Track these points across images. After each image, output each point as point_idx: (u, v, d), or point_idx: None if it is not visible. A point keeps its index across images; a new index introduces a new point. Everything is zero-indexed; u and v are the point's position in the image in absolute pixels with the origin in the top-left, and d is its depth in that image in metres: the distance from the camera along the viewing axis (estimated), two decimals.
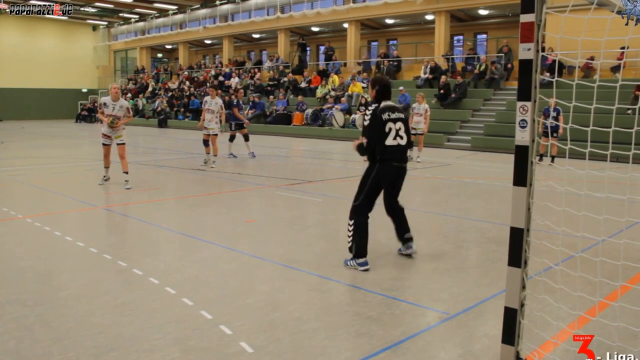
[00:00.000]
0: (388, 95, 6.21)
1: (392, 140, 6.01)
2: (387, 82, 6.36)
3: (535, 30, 3.36)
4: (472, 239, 7.65)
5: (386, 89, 6.21)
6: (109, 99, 11.24)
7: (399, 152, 6.12)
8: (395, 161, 6.12)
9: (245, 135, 17.42)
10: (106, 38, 51.23)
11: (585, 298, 4.22)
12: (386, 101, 6.14)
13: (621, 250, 4.44)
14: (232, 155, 17.19)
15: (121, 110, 11.24)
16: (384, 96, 6.15)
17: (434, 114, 23.14)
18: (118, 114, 11.19)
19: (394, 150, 6.05)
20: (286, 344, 4.14)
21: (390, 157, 6.06)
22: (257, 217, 9.07)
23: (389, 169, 6.13)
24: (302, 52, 34.40)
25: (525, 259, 3.53)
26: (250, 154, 17.30)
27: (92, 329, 4.36)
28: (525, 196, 3.47)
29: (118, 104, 11.21)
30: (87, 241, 7.10)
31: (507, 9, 27.23)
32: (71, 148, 22.24)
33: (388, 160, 6.07)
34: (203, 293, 5.26)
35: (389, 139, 6.01)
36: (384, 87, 6.20)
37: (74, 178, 13.04)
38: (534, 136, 3.46)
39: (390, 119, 6.01)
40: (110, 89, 11.44)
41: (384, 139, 5.99)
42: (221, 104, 15.42)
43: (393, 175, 6.21)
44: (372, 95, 6.27)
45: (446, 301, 5.15)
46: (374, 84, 6.23)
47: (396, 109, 6.15)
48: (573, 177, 6.11)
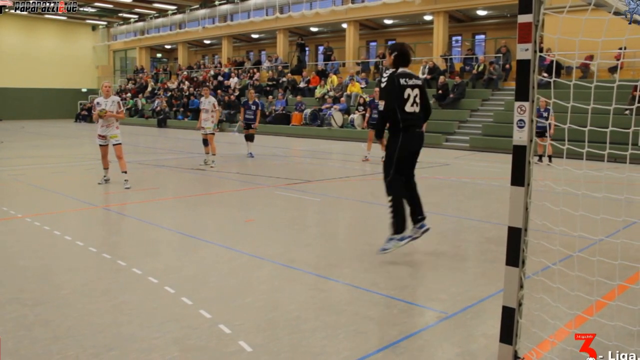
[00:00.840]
0: (406, 61, 6.05)
1: (410, 107, 5.92)
2: (407, 49, 6.20)
3: (533, 30, 3.37)
4: (470, 238, 7.67)
5: (405, 55, 6.06)
6: (101, 98, 11.41)
7: (417, 119, 6.02)
8: (418, 127, 6.04)
9: (251, 135, 17.58)
10: (105, 38, 51.26)
11: (582, 297, 4.23)
12: (404, 68, 6.01)
13: (618, 249, 4.45)
14: (250, 155, 17.32)
15: (113, 105, 11.39)
16: (402, 62, 6.02)
17: (433, 114, 23.14)
18: (110, 109, 11.29)
19: (414, 117, 5.96)
20: (285, 343, 4.15)
21: (412, 123, 5.97)
22: (256, 216, 9.08)
23: (413, 136, 6.04)
24: (301, 53, 34.42)
25: (523, 258, 3.54)
26: (249, 154, 17.31)
27: (91, 328, 4.38)
28: (523, 196, 3.49)
29: (110, 100, 11.35)
30: (86, 240, 7.11)
31: (505, 9, 27.26)
32: (71, 147, 22.26)
33: (412, 127, 5.97)
34: (202, 292, 5.27)
35: (408, 105, 5.90)
36: (403, 53, 6.06)
37: (73, 177, 13.05)
38: (531, 136, 3.48)
39: (408, 85, 5.89)
40: (102, 87, 11.52)
41: (404, 104, 5.87)
42: (214, 103, 15.41)
43: (418, 142, 6.10)
44: (389, 61, 6.09)
45: (444, 301, 5.16)
46: (393, 49, 6.08)
47: (413, 76, 6.02)
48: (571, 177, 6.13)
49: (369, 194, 11.49)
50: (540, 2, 3.37)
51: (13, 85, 44.30)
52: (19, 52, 44.78)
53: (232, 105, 32.09)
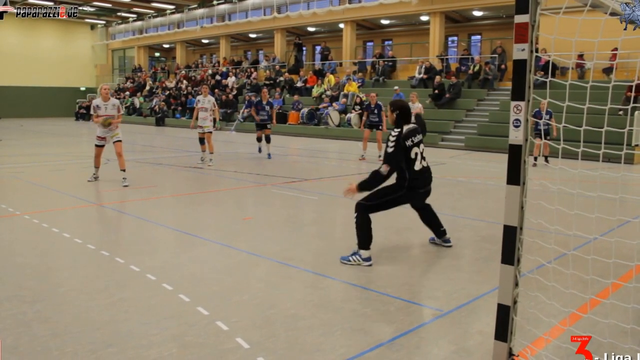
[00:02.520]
0: (408, 118, 6.20)
1: (419, 165, 6.08)
2: (407, 105, 6.36)
3: (530, 30, 3.41)
4: (466, 237, 7.70)
5: (406, 112, 6.20)
6: (100, 101, 11.33)
7: (426, 174, 6.23)
8: (422, 188, 6.23)
9: (267, 136, 16.95)
10: (104, 37, 51.16)
11: (577, 295, 4.28)
12: (407, 125, 6.13)
13: (612, 248, 4.50)
14: (269, 156, 16.93)
15: (113, 109, 11.39)
16: (404, 120, 6.15)
17: (429, 113, 23.28)
18: (111, 113, 11.28)
19: (421, 176, 6.14)
20: (282, 340, 4.18)
21: (418, 184, 6.17)
22: (253, 214, 9.11)
23: (415, 196, 6.30)
24: (298, 52, 34.42)
25: (518, 256, 3.58)
26: (268, 155, 17.05)
27: (90, 325, 4.41)
28: (518, 195, 3.52)
29: (110, 104, 11.33)
30: (84, 238, 7.14)
31: (501, 10, 27.31)
32: (69, 146, 22.23)
33: (416, 188, 6.18)
34: (200, 289, 5.30)
35: (417, 164, 6.07)
36: (404, 110, 6.19)
37: (72, 175, 13.04)
38: (527, 135, 3.52)
39: (414, 143, 6.05)
40: (100, 89, 11.49)
41: (412, 164, 6.03)
42: (214, 102, 15.49)
43: (419, 202, 6.45)
44: (392, 119, 6.22)
45: (440, 298, 5.20)
46: (394, 108, 6.20)
47: (416, 132, 6.17)
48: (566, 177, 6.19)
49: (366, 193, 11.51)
50: (537, 3, 3.41)
51: (12, 84, 44.21)
52: (18, 50, 44.68)
53: (230, 104, 32.10)
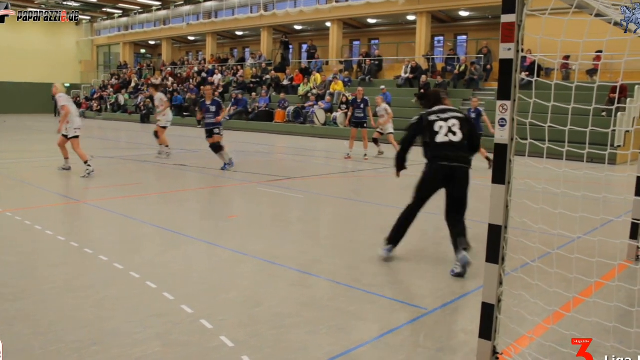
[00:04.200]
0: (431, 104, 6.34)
1: (444, 137, 6.01)
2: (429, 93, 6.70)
3: (516, 30, 3.43)
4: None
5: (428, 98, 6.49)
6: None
7: (451, 148, 6.01)
8: (445, 160, 6.04)
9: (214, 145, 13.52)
10: (89, 33, 50.75)
11: (560, 294, 4.30)
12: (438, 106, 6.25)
13: (596, 247, 4.52)
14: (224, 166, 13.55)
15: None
16: (427, 105, 6.35)
17: (414, 113, 23.29)
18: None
19: (444, 148, 6.02)
20: (267, 339, 4.17)
21: (438, 154, 6.05)
22: (238, 212, 9.09)
23: (436, 168, 6.11)
24: (285, 50, 34.38)
25: (502, 255, 3.60)
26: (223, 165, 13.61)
27: (73, 324, 4.37)
28: (503, 194, 3.54)
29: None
30: (68, 235, 7.08)
31: (487, 11, 27.42)
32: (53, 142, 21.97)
33: (436, 159, 6.07)
34: (184, 288, 5.28)
35: (440, 135, 6.03)
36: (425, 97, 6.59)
37: (55, 172, 12.93)
38: (513, 135, 3.53)
39: (440, 118, 6.07)
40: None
41: (435, 136, 6.04)
42: (161, 97, 16.29)
43: (442, 175, 6.11)
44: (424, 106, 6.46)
45: (425, 297, 5.22)
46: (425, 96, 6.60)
47: (447, 110, 6.20)
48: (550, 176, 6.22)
49: (351, 191, 11.54)
50: (524, 3, 3.43)
51: None
52: (1, 45, 44.17)
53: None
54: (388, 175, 13.62)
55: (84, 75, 49.44)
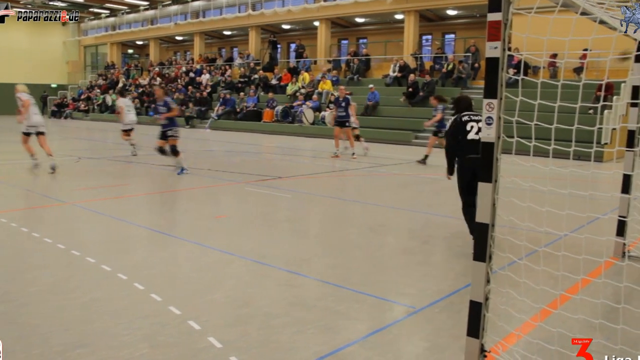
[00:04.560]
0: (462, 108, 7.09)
1: (474, 135, 6.68)
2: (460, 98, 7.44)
3: (502, 29, 3.43)
4: (438, 234, 7.75)
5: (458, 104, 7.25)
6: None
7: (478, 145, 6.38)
8: (471, 153, 6.65)
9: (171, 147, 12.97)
10: (76, 33, 50.38)
11: (547, 291, 4.32)
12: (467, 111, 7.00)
13: (582, 244, 4.55)
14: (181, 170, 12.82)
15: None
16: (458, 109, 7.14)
17: (403, 112, 23.43)
18: None
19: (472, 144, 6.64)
20: (255, 339, 4.16)
21: (468, 149, 6.70)
22: (227, 212, 9.06)
23: (465, 161, 6.77)
24: (273, 50, 34.33)
25: (490, 253, 3.60)
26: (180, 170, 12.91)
27: (59, 326, 4.33)
28: (490, 192, 3.54)
29: None
30: (55, 237, 7.02)
31: (474, 9, 27.52)
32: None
33: (466, 152, 6.74)
34: (172, 289, 5.25)
35: (471, 134, 6.73)
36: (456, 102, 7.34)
37: (42, 173, 12.83)
38: (499, 133, 3.53)
39: (471, 119, 6.82)
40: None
41: (467, 134, 6.78)
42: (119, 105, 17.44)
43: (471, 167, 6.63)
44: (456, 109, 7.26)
45: (413, 295, 5.22)
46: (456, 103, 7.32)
47: (476, 114, 6.89)
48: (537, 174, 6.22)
49: (340, 191, 11.54)
50: (509, 2, 3.43)
51: None
52: None
53: (204, 102, 31.90)
54: (376, 174, 13.64)
55: (71, 76, 49.11)
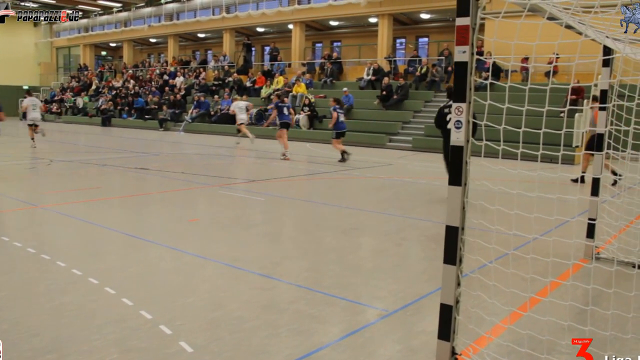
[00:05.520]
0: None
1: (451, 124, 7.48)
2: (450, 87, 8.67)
3: (470, 33, 3.47)
4: (411, 237, 7.80)
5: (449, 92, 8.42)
6: None
7: None
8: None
9: None
10: (48, 34, 49.73)
11: (517, 294, 4.37)
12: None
13: (551, 247, 4.61)
14: None
15: None
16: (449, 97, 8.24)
17: (377, 115, 23.58)
18: None
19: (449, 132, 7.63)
20: (227, 343, 4.15)
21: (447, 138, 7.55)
22: (199, 216, 9.02)
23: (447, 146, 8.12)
24: (247, 52, 34.26)
25: (460, 256, 3.63)
26: None
27: (28, 331, 4.27)
28: (460, 195, 3.57)
29: None
30: (24, 241, 6.92)
31: (447, 13, 27.76)
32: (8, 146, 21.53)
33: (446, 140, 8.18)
34: (143, 293, 5.21)
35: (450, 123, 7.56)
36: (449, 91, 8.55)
37: (13, 177, 12.66)
38: (468, 137, 3.57)
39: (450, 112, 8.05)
40: None
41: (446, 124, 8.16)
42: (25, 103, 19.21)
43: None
44: None
45: (385, 298, 5.25)
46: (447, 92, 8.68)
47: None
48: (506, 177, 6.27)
49: (313, 194, 11.54)
50: (477, 7, 3.47)
51: None
52: None
53: (178, 104, 31.71)
54: (350, 177, 13.68)
55: (43, 78, 48.48)
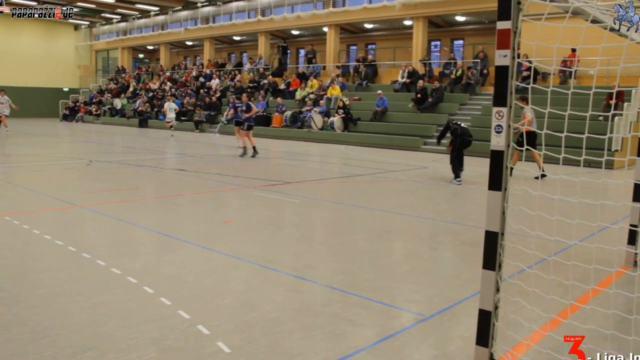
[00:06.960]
0: None
1: None
2: None
3: (512, 37, 3.43)
4: (446, 241, 7.73)
5: None
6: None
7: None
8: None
9: None
10: (88, 38, 50.72)
11: (557, 300, 4.30)
12: None
13: (593, 253, 4.52)
14: None
15: None
16: None
17: (411, 117, 23.46)
18: None
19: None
20: (262, 344, 4.16)
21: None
22: (234, 217, 9.07)
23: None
24: (283, 55, 34.40)
25: (499, 262, 3.59)
26: None
27: (68, 328, 4.35)
28: (500, 200, 3.53)
29: None
30: (65, 240, 7.05)
31: (483, 15, 27.50)
32: (51, 146, 21.98)
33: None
34: (180, 292, 5.26)
35: None
36: None
37: (53, 176, 12.91)
38: (509, 141, 3.53)
39: None
40: None
41: None
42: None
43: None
44: None
45: (421, 302, 5.21)
46: None
47: None
48: (547, 182, 6.17)
49: (347, 196, 11.52)
50: (519, 10, 3.42)
51: None
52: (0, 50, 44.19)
53: (213, 106, 31.99)
54: (383, 180, 13.63)
55: (82, 80, 49.44)
